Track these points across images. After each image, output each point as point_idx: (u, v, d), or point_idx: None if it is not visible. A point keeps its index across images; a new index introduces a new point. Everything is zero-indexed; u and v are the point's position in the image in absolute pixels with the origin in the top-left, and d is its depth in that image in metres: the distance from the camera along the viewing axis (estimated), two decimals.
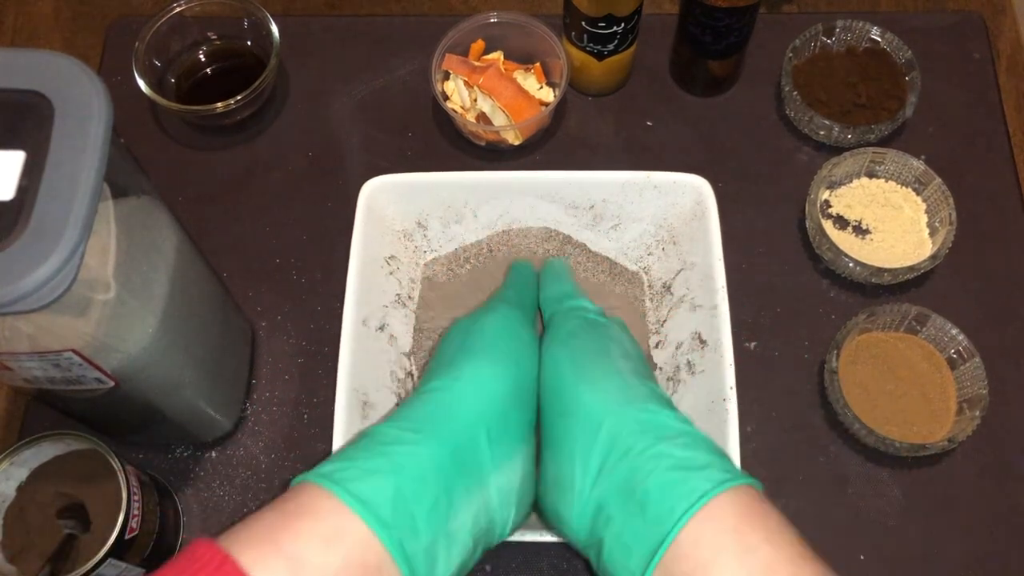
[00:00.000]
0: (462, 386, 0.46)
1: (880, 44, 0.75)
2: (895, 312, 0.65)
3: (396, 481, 0.40)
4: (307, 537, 0.37)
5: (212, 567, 0.35)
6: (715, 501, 0.39)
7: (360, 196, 0.63)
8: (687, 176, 0.63)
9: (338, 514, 0.38)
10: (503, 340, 0.49)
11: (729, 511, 0.39)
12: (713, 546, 0.38)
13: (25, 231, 0.38)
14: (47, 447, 0.58)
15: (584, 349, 0.49)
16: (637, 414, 0.44)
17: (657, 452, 0.42)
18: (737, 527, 0.39)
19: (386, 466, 0.41)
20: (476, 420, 0.45)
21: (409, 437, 0.43)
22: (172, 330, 0.52)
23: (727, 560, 0.38)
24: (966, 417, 0.62)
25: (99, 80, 0.42)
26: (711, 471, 0.41)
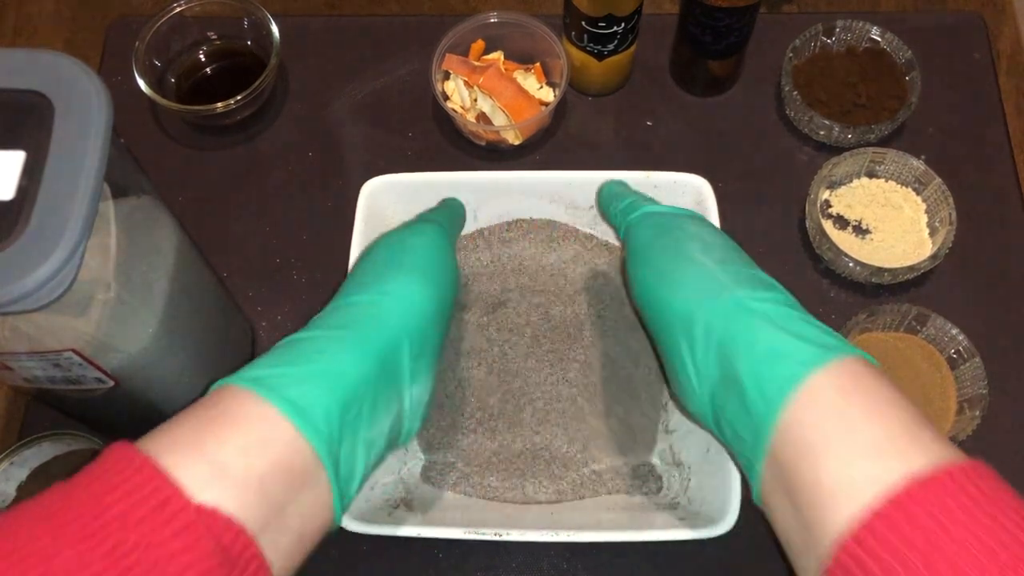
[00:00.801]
0: (391, 301, 0.46)
1: (880, 44, 0.75)
2: (895, 312, 0.65)
3: (328, 388, 0.41)
4: (234, 441, 0.37)
5: (131, 470, 0.35)
6: (812, 381, 0.39)
7: (360, 196, 0.63)
8: (687, 176, 0.63)
9: (267, 420, 0.38)
10: (431, 261, 0.51)
11: (829, 388, 0.38)
12: (815, 429, 0.38)
13: (25, 231, 0.38)
14: (47, 447, 0.58)
15: (662, 255, 0.49)
16: (725, 303, 0.44)
17: (748, 336, 0.42)
18: (837, 405, 0.38)
19: (318, 372, 0.41)
20: (401, 334, 0.46)
21: (340, 346, 0.43)
22: (172, 330, 0.52)
23: (830, 442, 0.37)
24: (966, 417, 0.62)
25: (99, 80, 0.42)
26: (803, 348, 0.40)
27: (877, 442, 0.36)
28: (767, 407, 0.39)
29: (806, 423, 0.38)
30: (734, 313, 0.43)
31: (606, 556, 0.61)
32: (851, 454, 0.36)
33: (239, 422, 0.38)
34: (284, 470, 0.38)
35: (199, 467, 0.36)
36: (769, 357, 0.40)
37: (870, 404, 0.38)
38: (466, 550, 0.62)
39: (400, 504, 0.57)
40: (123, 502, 0.34)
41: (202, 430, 0.38)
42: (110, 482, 0.35)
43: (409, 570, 0.61)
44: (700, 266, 0.47)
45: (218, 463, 0.36)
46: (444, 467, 0.60)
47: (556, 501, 0.58)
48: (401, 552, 0.61)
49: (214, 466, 0.36)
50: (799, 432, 0.38)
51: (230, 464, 0.36)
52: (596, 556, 0.61)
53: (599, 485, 0.59)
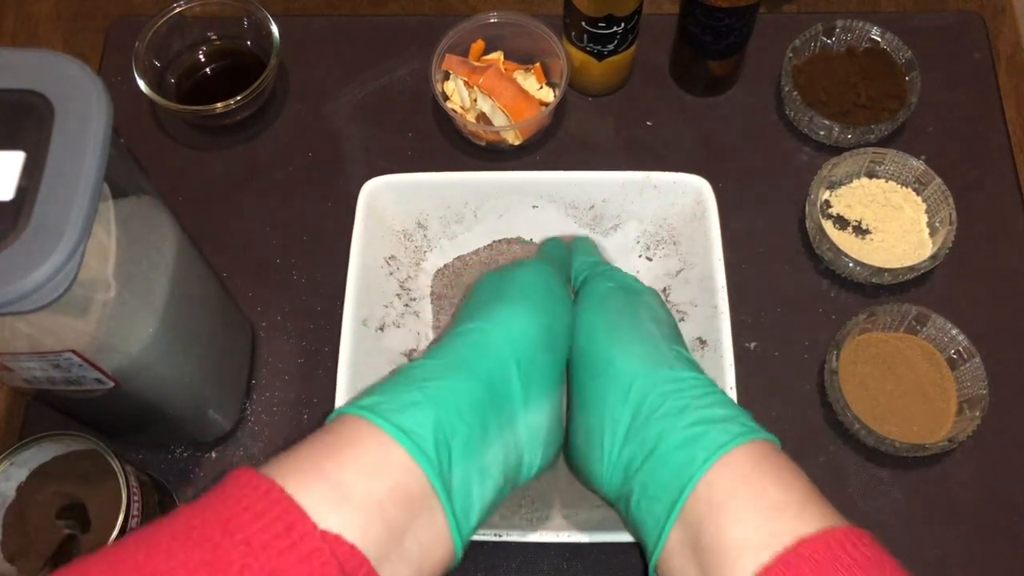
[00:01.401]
0: (496, 327, 0.47)
1: (880, 44, 0.75)
2: (895, 312, 0.65)
3: (435, 414, 0.41)
4: (352, 465, 0.38)
5: (259, 493, 0.35)
6: (732, 452, 0.41)
7: (360, 196, 0.63)
8: (687, 176, 0.63)
9: (381, 444, 0.39)
10: (537, 290, 0.50)
11: (743, 460, 0.41)
12: (727, 490, 0.40)
13: (25, 231, 0.38)
14: (47, 447, 0.58)
15: (616, 312, 0.50)
16: (665, 375, 0.45)
17: (681, 409, 0.43)
18: (748, 474, 0.41)
19: (424, 399, 0.41)
20: (509, 358, 0.45)
21: (445, 372, 0.44)
22: (172, 330, 0.52)
23: (739, 502, 0.39)
24: (966, 417, 0.62)
25: (99, 80, 0.42)
26: (730, 425, 0.43)
27: (776, 505, 0.39)
28: (691, 469, 0.41)
29: (719, 485, 0.40)
30: (674, 388, 0.45)
31: (606, 556, 0.61)
32: (754, 515, 0.39)
33: (355, 446, 0.39)
34: (402, 494, 0.38)
35: (322, 489, 0.36)
36: (702, 427, 0.43)
37: (775, 474, 0.41)
38: (466, 550, 0.61)
39: None
40: (250, 526, 0.34)
41: (321, 454, 0.38)
42: (237, 505, 0.35)
43: None
44: (649, 335, 0.48)
45: (340, 485, 0.37)
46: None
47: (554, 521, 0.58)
48: None
49: (336, 489, 0.37)
50: (711, 493, 0.40)
51: (351, 486, 0.37)
52: (596, 556, 0.61)
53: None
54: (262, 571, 0.33)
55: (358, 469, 0.38)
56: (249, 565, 0.33)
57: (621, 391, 0.46)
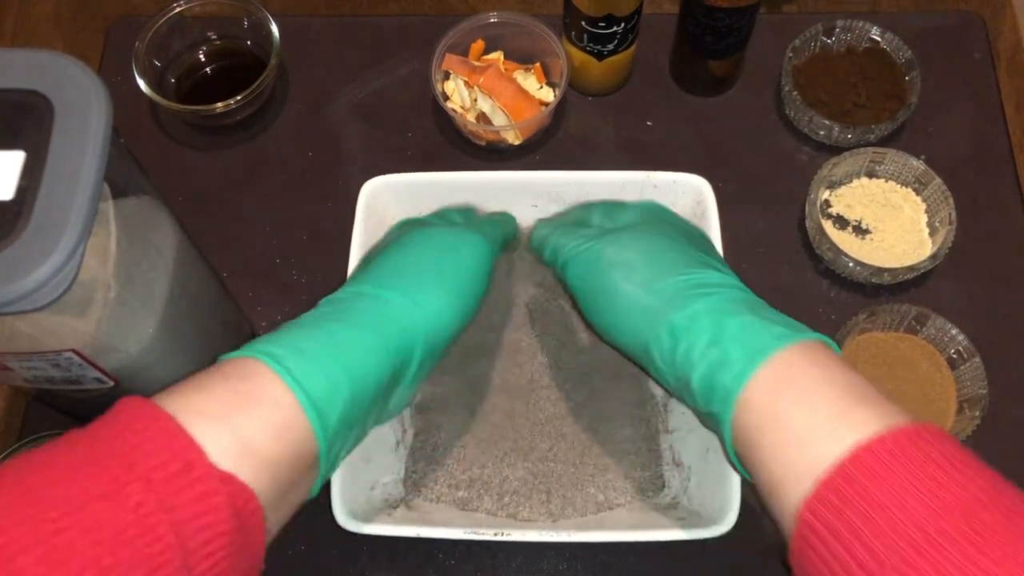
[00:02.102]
0: (422, 315, 0.47)
1: (880, 44, 0.75)
2: (895, 312, 0.65)
3: (345, 388, 0.42)
4: (260, 424, 0.39)
5: (157, 427, 0.36)
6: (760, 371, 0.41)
7: (360, 196, 0.63)
8: (687, 176, 0.63)
9: (290, 409, 0.40)
10: (472, 282, 0.51)
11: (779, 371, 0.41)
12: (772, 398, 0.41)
13: (25, 231, 0.38)
14: None
15: (595, 300, 0.50)
16: (660, 333, 0.46)
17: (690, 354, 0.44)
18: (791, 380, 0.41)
19: (340, 372, 0.42)
20: (421, 349, 0.47)
21: (364, 342, 0.44)
22: (172, 330, 0.52)
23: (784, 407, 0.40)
24: (966, 417, 0.62)
25: (99, 80, 0.42)
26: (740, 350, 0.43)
27: (807, 430, 0.39)
28: (718, 416, 0.43)
29: (747, 426, 0.41)
30: (672, 339, 0.45)
31: (606, 556, 0.61)
32: (784, 448, 0.39)
33: (266, 405, 0.39)
34: (296, 458, 0.40)
35: (226, 441, 0.37)
36: (710, 372, 0.43)
37: (803, 391, 0.40)
38: (466, 550, 0.62)
39: (400, 504, 0.57)
40: (148, 460, 0.35)
41: (230, 403, 0.39)
42: (136, 438, 0.35)
43: (409, 570, 0.61)
44: (629, 298, 0.48)
45: (245, 441, 0.38)
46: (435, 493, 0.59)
47: (554, 522, 0.58)
48: (401, 552, 0.61)
49: (241, 443, 0.37)
50: (744, 435, 0.41)
51: (255, 444, 0.38)
52: (596, 556, 0.61)
53: (596, 506, 0.59)
54: (159, 507, 0.34)
55: (265, 429, 0.39)
56: (145, 501, 0.34)
57: (644, 360, 0.48)
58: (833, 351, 0.43)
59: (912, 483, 0.35)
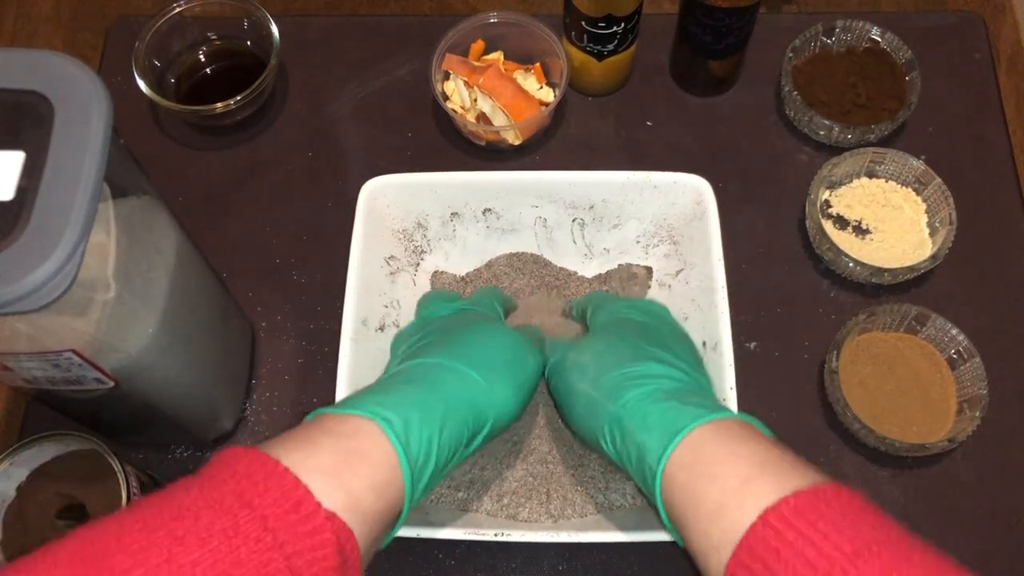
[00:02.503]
0: (498, 402, 0.51)
1: (880, 44, 0.75)
2: (895, 312, 0.65)
3: (436, 459, 0.46)
4: (367, 482, 0.42)
5: (266, 470, 0.39)
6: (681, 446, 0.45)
7: (360, 196, 0.63)
8: (687, 176, 0.63)
9: (393, 470, 0.44)
10: (531, 388, 0.56)
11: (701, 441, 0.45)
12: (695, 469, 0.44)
13: (25, 231, 0.38)
14: (47, 447, 0.58)
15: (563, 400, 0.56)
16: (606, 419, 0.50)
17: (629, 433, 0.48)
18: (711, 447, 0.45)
19: (436, 441, 0.47)
20: (489, 434, 0.51)
21: (452, 422, 0.48)
22: (172, 330, 0.52)
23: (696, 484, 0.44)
24: (966, 417, 0.62)
25: (99, 80, 0.42)
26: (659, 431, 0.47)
27: (718, 503, 0.42)
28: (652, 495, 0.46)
29: (672, 503, 0.45)
30: (611, 429, 0.50)
31: (606, 556, 0.61)
32: (703, 522, 0.43)
33: (371, 464, 0.43)
34: (391, 514, 0.44)
35: (338, 495, 0.40)
36: (639, 457, 0.47)
37: (713, 466, 0.43)
38: (466, 550, 0.62)
39: None
40: (262, 498, 0.38)
41: (340, 460, 0.42)
42: (249, 482, 0.39)
43: (409, 570, 0.61)
44: (581, 395, 0.53)
45: (353, 495, 0.41)
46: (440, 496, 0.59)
47: (554, 522, 0.58)
48: (401, 552, 0.61)
49: (350, 497, 0.41)
50: (671, 509, 0.45)
51: (361, 499, 0.41)
52: (596, 556, 0.61)
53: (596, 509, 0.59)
54: (274, 542, 0.37)
55: (370, 486, 0.42)
56: (263, 537, 0.37)
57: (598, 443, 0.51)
58: (747, 424, 0.46)
59: (811, 537, 0.38)
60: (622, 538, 0.54)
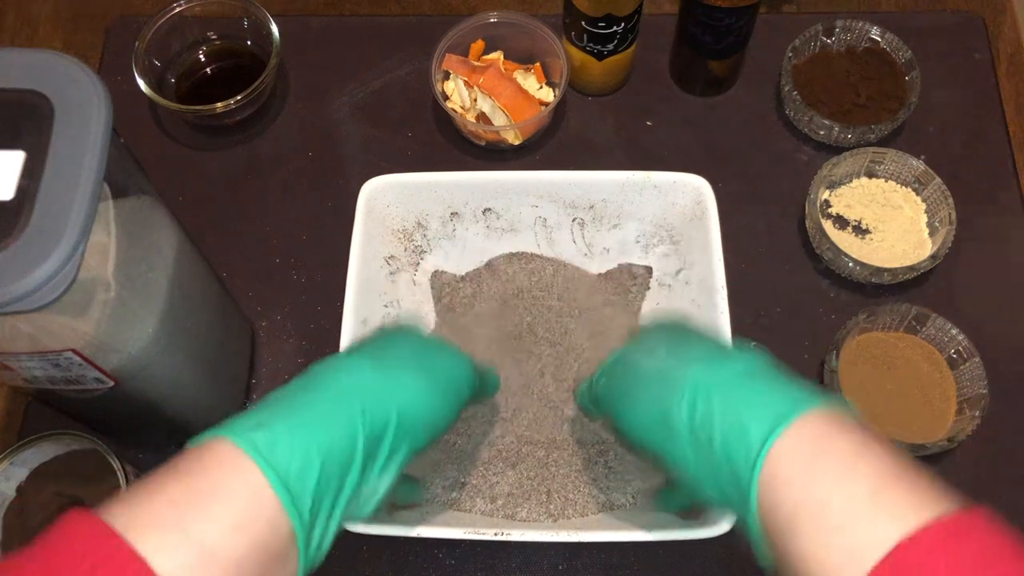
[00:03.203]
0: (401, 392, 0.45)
1: (880, 44, 0.75)
2: (895, 312, 0.65)
3: (320, 467, 0.39)
4: (220, 520, 0.35)
5: (105, 550, 0.32)
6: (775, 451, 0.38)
7: (360, 196, 0.63)
8: (687, 176, 0.63)
9: (256, 492, 0.37)
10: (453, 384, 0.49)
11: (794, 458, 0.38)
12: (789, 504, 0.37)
13: (25, 231, 0.38)
14: (47, 447, 0.58)
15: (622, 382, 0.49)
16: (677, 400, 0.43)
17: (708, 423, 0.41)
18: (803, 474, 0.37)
19: (315, 444, 0.39)
20: (399, 430, 0.44)
21: (334, 411, 0.41)
22: (172, 330, 0.52)
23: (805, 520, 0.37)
24: (966, 417, 0.62)
25: (99, 80, 0.42)
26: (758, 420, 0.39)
27: (845, 512, 0.36)
28: (743, 487, 0.39)
29: (779, 502, 0.38)
30: (693, 397, 0.42)
31: (606, 556, 0.61)
32: (823, 533, 0.36)
33: (226, 498, 0.36)
34: (266, 549, 0.36)
35: (182, 552, 0.34)
36: (730, 438, 0.40)
37: (837, 467, 0.37)
38: (466, 550, 0.62)
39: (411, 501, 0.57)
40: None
41: (185, 503, 0.35)
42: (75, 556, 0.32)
43: (409, 570, 0.61)
44: (650, 367, 0.46)
45: (202, 546, 0.34)
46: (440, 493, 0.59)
47: (554, 521, 0.58)
48: (401, 552, 0.61)
49: (198, 550, 0.34)
50: (776, 509, 0.38)
51: (215, 547, 0.34)
52: (596, 556, 0.61)
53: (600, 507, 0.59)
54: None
55: (225, 526, 0.35)
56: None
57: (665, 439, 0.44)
58: (860, 420, 0.40)
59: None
60: (622, 538, 0.54)
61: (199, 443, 0.39)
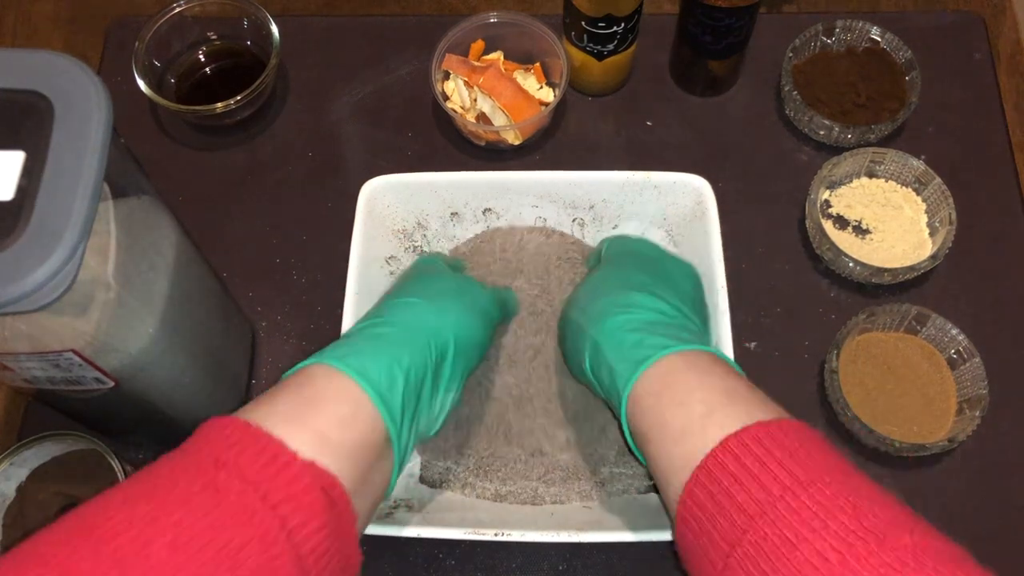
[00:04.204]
0: (451, 317, 0.53)
1: (880, 44, 0.75)
2: (895, 312, 0.65)
3: (403, 379, 0.47)
4: (331, 417, 0.43)
5: (240, 433, 0.40)
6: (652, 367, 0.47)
7: (360, 196, 0.63)
8: (687, 176, 0.63)
9: (356, 399, 0.45)
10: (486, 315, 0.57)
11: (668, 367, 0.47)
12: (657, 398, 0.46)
13: (25, 231, 0.38)
14: (47, 447, 0.58)
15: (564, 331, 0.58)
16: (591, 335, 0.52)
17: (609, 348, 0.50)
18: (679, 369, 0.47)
19: (392, 363, 0.47)
20: (457, 351, 0.52)
21: (410, 336, 0.50)
22: (172, 330, 0.52)
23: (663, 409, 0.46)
24: (966, 417, 0.62)
25: (99, 80, 0.42)
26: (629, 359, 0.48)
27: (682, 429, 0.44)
28: (618, 407, 0.49)
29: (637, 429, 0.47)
30: (592, 353, 0.51)
31: (606, 556, 0.61)
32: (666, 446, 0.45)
33: (333, 400, 0.44)
34: (369, 444, 0.44)
35: (303, 436, 0.41)
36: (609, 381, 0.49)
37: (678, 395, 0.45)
38: (466, 550, 0.62)
39: (400, 504, 0.57)
40: (240, 457, 0.39)
41: (301, 406, 0.43)
42: (225, 442, 0.40)
43: (409, 570, 0.61)
44: (572, 324, 0.55)
45: (319, 433, 0.42)
46: (444, 471, 0.60)
47: (560, 502, 0.58)
48: (401, 552, 0.61)
49: (316, 435, 0.42)
50: (636, 433, 0.48)
51: (328, 435, 0.42)
52: (596, 556, 0.61)
53: (602, 490, 0.59)
54: (256, 493, 0.38)
55: (336, 421, 0.43)
56: (244, 490, 0.38)
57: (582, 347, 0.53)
58: (720, 359, 0.48)
59: (767, 463, 0.40)
60: (622, 538, 0.54)
61: (298, 370, 0.47)
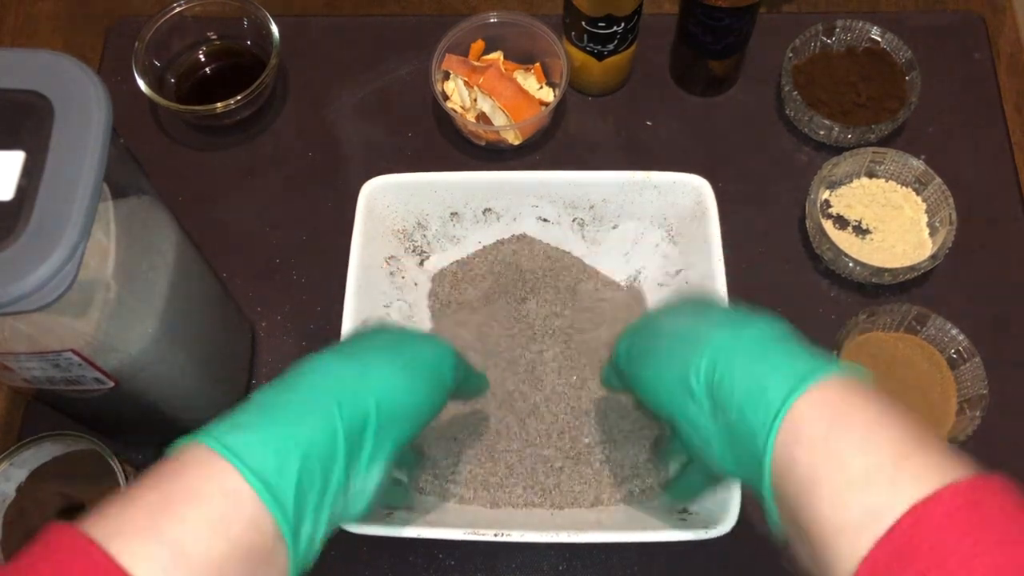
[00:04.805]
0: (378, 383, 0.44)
1: (880, 44, 0.75)
2: (895, 312, 0.65)
3: (301, 461, 0.39)
4: (195, 521, 0.35)
5: (79, 559, 0.33)
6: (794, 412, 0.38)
7: (360, 196, 0.63)
8: (687, 176, 0.63)
9: (233, 492, 0.36)
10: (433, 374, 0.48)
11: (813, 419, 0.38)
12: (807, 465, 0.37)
13: (25, 231, 0.38)
14: (47, 447, 0.58)
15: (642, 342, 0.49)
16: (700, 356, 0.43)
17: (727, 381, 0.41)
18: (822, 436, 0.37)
19: (290, 439, 0.39)
20: (380, 422, 0.43)
21: (311, 405, 0.41)
22: (172, 330, 0.52)
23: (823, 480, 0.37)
24: (966, 417, 0.62)
25: (99, 80, 0.42)
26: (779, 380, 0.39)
27: (866, 473, 0.36)
28: (759, 448, 0.39)
29: (797, 461, 0.38)
30: (713, 360, 0.42)
31: (606, 556, 0.61)
32: (842, 492, 0.36)
33: (205, 494, 0.36)
34: (248, 548, 0.36)
35: (157, 552, 0.34)
36: (748, 398, 0.40)
37: (859, 430, 0.37)
38: (466, 551, 0.62)
39: (400, 506, 0.57)
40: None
41: (159, 508, 0.35)
42: (56, 572, 0.33)
43: (409, 571, 0.61)
44: (672, 328, 0.46)
45: (176, 547, 0.34)
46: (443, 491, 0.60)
47: (559, 508, 0.58)
48: (401, 553, 0.61)
49: (172, 551, 0.34)
50: (792, 470, 0.38)
51: (190, 548, 0.34)
52: (596, 556, 0.61)
53: (603, 496, 0.59)
54: None
55: (204, 526, 0.35)
56: None
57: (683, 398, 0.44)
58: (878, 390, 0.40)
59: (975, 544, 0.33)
60: (622, 538, 0.54)
61: (175, 449, 0.39)
